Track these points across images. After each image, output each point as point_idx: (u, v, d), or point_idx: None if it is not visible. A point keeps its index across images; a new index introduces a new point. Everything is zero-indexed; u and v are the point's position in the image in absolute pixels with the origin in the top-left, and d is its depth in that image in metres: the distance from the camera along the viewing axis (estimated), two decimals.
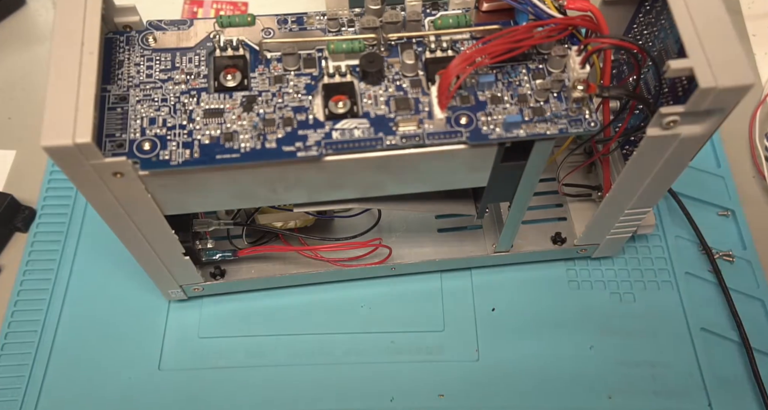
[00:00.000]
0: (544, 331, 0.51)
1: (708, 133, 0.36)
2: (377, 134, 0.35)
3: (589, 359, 0.50)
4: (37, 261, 0.53)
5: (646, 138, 0.36)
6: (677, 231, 0.55)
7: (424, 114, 0.35)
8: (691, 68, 0.32)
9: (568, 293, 0.53)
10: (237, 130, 0.34)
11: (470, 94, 0.36)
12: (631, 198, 0.43)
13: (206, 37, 0.37)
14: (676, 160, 0.38)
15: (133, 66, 0.36)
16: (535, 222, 0.52)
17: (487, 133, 0.35)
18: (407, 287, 0.52)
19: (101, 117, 0.34)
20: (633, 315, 0.52)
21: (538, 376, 0.49)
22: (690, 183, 0.57)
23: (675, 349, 0.51)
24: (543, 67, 0.37)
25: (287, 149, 0.34)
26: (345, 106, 0.35)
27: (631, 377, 0.49)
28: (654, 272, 0.54)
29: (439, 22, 0.37)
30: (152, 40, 0.37)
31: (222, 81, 0.36)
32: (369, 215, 0.52)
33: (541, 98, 0.36)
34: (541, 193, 0.53)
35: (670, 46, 0.40)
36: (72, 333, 0.50)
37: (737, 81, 0.31)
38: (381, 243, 0.49)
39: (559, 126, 0.35)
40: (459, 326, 0.51)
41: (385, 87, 0.36)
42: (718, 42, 0.32)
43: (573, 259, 0.54)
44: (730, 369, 0.50)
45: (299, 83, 0.36)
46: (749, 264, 0.54)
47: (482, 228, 0.52)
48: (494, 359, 0.50)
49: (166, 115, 0.35)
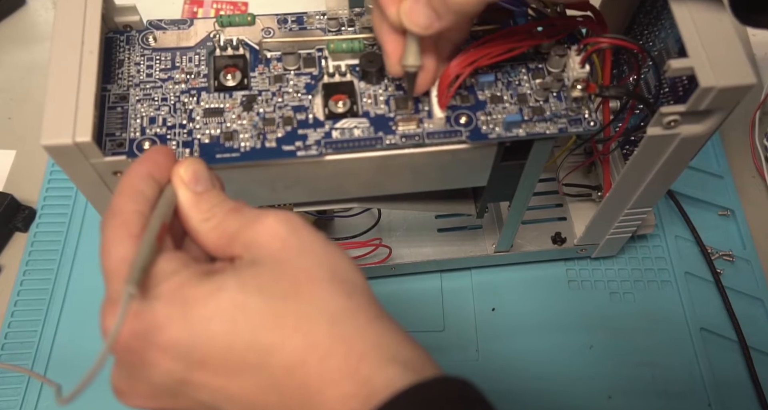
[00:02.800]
0: (544, 331, 0.51)
1: (708, 133, 0.36)
2: (377, 133, 0.35)
3: (589, 359, 0.50)
4: (37, 261, 0.53)
5: (647, 137, 0.36)
6: (677, 231, 0.55)
7: (423, 113, 0.35)
8: (691, 68, 0.32)
9: (568, 293, 0.53)
10: (237, 129, 0.34)
11: (470, 94, 0.36)
12: (631, 198, 0.43)
13: (206, 37, 0.37)
14: (676, 160, 0.38)
15: (133, 65, 0.36)
16: (535, 222, 0.52)
17: (487, 133, 0.35)
18: (407, 287, 0.52)
19: (101, 116, 0.34)
20: (633, 315, 0.52)
21: (537, 376, 0.49)
22: (690, 183, 0.57)
23: (675, 349, 0.50)
24: (543, 67, 0.37)
25: (287, 148, 0.34)
26: (345, 105, 0.35)
27: (631, 377, 0.49)
28: (654, 272, 0.54)
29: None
30: (152, 39, 0.37)
31: (222, 80, 0.36)
32: (369, 215, 0.52)
33: (541, 98, 0.36)
34: (541, 192, 0.53)
35: (670, 45, 0.40)
36: (72, 333, 0.50)
37: (738, 81, 0.31)
38: (381, 243, 0.49)
39: (559, 125, 0.35)
40: (459, 326, 0.51)
41: (384, 86, 0.36)
42: (719, 42, 0.32)
43: (573, 259, 0.54)
44: (730, 369, 0.50)
45: (299, 83, 0.36)
46: (749, 264, 0.54)
47: (482, 228, 0.52)
48: (494, 359, 0.50)
49: (166, 115, 0.35)
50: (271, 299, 0.24)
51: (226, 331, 0.23)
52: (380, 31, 0.33)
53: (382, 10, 0.32)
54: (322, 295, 0.24)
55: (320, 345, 0.23)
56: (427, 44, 0.32)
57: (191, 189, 0.27)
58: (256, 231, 0.26)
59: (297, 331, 0.23)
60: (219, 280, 0.24)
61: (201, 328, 0.23)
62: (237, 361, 0.23)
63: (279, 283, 0.24)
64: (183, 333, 0.23)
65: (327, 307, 0.24)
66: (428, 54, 0.33)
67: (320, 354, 0.23)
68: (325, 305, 0.24)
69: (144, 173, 0.27)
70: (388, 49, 0.33)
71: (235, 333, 0.23)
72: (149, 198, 0.26)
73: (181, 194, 0.27)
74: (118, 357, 0.25)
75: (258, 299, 0.24)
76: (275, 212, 0.26)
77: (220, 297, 0.24)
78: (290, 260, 0.25)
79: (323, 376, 0.23)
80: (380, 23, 0.33)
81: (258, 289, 0.24)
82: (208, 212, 0.27)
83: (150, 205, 0.26)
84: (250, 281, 0.24)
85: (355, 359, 0.23)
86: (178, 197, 0.27)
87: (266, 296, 0.24)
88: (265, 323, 0.23)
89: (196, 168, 0.27)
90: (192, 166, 0.27)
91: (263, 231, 0.25)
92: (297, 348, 0.23)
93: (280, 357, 0.23)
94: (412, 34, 0.31)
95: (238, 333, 0.23)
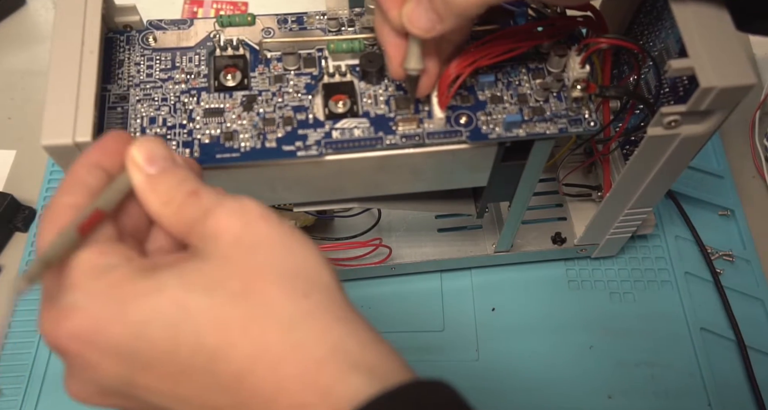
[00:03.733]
0: (544, 331, 0.51)
1: (708, 133, 0.36)
2: (377, 133, 0.35)
3: (589, 359, 0.50)
4: None
5: (647, 138, 0.36)
6: (677, 231, 0.55)
7: (423, 113, 0.35)
8: (692, 68, 0.32)
9: (568, 293, 0.53)
10: (237, 129, 0.34)
11: (470, 94, 0.36)
12: (631, 198, 0.43)
13: (206, 37, 0.37)
14: (676, 160, 0.38)
15: (133, 65, 0.36)
16: (535, 222, 0.52)
17: (487, 133, 0.35)
18: (407, 287, 0.52)
19: (101, 116, 0.34)
20: (633, 315, 0.52)
21: (537, 376, 0.49)
22: (690, 183, 0.57)
23: (675, 349, 0.50)
24: (543, 67, 0.37)
25: (287, 148, 0.34)
26: (345, 105, 0.35)
27: (631, 377, 0.49)
28: (654, 272, 0.54)
29: None
30: (152, 39, 0.37)
31: (222, 80, 0.36)
32: (369, 215, 0.52)
33: (541, 98, 0.36)
34: (541, 192, 0.53)
35: (670, 45, 0.40)
36: None
37: (738, 81, 0.31)
38: (381, 243, 0.49)
39: (559, 125, 0.35)
40: (459, 326, 0.51)
41: (385, 86, 0.36)
42: (719, 42, 0.32)
43: (573, 259, 0.54)
44: (730, 369, 0.50)
45: (299, 83, 0.36)
46: (749, 263, 0.54)
47: (482, 228, 0.52)
48: (494, 359, 0.50)
49: (166, 115, 0.35)
50: (217, 300, 0.22)
51: (169, 335, 0.22)
52: (382, 34, 0.33)
53: (383, 13, 0.31)
54: (275, 296, 0.22)
55: (271, 351, 0.21)
56: (429, 47, 0.32)
57: (145, 171, 0.24)
58: (208, 223, 0.24)
59: (244, 336, 0.22)
60: (161, 278, 0.22)
61: (141, 331, 0.22)
62: (183, 366, 0.22)
63: (227, 282, 0.22)
64: (123, 335, 0.22)
65: (280, 309, 0.22)
66: (430, 57, 0.33)
67: (271, 361, 0.21)
68: (278, 307, 0.22)
69: (90, 162, 0.25)
70: (390, 52, 0.33)
71: (178, 336, 0.22)
72: (92, 189, 0.24)
73: (134, 178, 0.24)
74: (62, 359, 0.23)
75: (202, 299, 0.22)
76: (231, 202, 0.24)
77: (160, 296, 0.22)
78: (241, 257, 0.23)
79: (277, 384, 0.21)
80: (382, 26, 0.32)
81: (203, 288, 0.22)
82: (167, 194, 0.24)
83: (92, 196, 0.24)
84: (195, 279, 0.22)
85: (312, 366, 0.21)
86: (132, 181, 0.24)
87: (211, 296, 0.22)
88: (209, 326, 0.22)
89: (149, 147, 0.25)
90: (145, 145, 0.25)
91: (215, 224, 0.23)
92: (244, 354, 0.21)
93: (227, 364, 0.21)
94: (414, 37, 0.31)
95: (181, 337, 0.21)
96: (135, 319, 0.22)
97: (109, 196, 0.24)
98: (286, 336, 0.22)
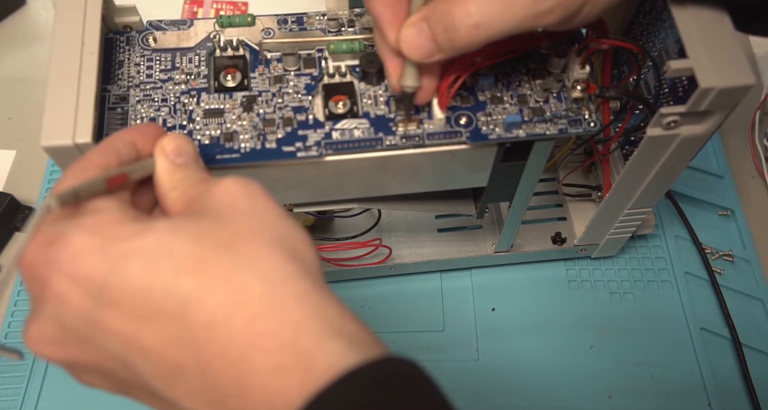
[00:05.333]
0: (544, 331, 0.51)
1: (708, 133, 0.36)
2: (377, 134, 0.35)
3: (589, 359, 0.50)
4: None
5: (647, 138, 0.36)
6: (677, 231, 0.55)
7: (423, 114, 0.35)
8: (691, 68, 0.32)
9: (568, 293, 0.53)
10: (237, 130, 0.34)
11: (470, 95, 0.36)
12: (631, 198, 0.43)
13: (206, 37, 0.37)
14: (676, 160, 0.38)
15: (133, 66, 0.36)
16: (535, 222, 0.52)
17: (487, 133, 0.35)
18: (407, 287, 0.53)
19: (101, 117, 0.34)
20: (633, 315, 0.52)
21: (537, 376, 0.49)
22: (690, 183, 0.57)
23: (675, 349, 0.51)
24: (543, 68, 0.37)
25: (287, 149, 0.34)
26: (345, 106, 0.35)
27: (631, 377, 0.49)
28: (654, 272, 0.54)
29: None
30: (152, 40, 0.37)
31: (222, 81, 0.36)
32: (369, 215, 0.52)
33: (541, 98, 0.36)
34: (541, 192, 0.53)
35: (670, 46, 0.40)
36: None
37: (737, 81, 0.31)
38: (381, 243, 0.49)
39: (559, 126, 0.35)
40: (459, 326, 0.51)
41: (384, 87, 0.36)
42: (719, 42, 0.32)
43: (573, 259, 0.54)
44: (730, 369, 0.50)
45: (299, 83, 0.36)
46: (749, 264, 0.54)
47: (482, 228, 0.52)
48: (494, 359, 0.50)
49: (166, 115, 0.35)
50: (203, 245, 0.22)
51: (146, 272, 0.21)
52: (380, 50, 0.32)
53: (381, 33, 0.31)
54: (261, 254, 0.22)
55: (250, 303, 0.21)
56: (427, 65, 0.32)
57: (170, 160, 0.27)
58: (211, 192, 0.25)
59: (225, 282, 0.21)
60: (150, 222, 0.23)
61: (118, 264, 0.21)
62: (153, 306, 0.21)
63: (216, 233, 0.22)
64: (97, 266, 0.21)
65: (264, 266, 0.22)
66: (427, 75, 0.32)
67: (249, 313, 0.21)
68: (263, 264, 0.22)
69: (125, 138, 0.27)
70: (388, 68, 0.32)
71: (155, 274, 0.21)
72: (122, 157, 0.26)
73: (159, 162, 0.27)
74: (31, 292, 0.23)
75: (188, 243, 0.22)
76: (235, 175, 0.25)
77: (146, 236, 0.22)
78: (236, 217, 0.23)
79: (251, 340, 0.20)
80: (381, 43, 0.32)
81: (191, 235, 0.22)
82: (180, 182, 0.26)
83: (120, 161, 0.26)
84: (184, 226, 0.23)
85: (291, 326, 0.21)
86: (156, 165, 0.27)
87: (198, 242, 0.22)
88: (190, 268, 0.21)
89: (180, 142, 0.28)
90: (176, 140, 0.28)
91: (217, 191, 0.25)
92: (222, 300, 0.21)
93: (201, 309, 0.21)
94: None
95: (158, 275, 0.21)
96: (114, 254, 0.22)
97: (136, 169, 0.26)
98: (268, 291, 0.21)
